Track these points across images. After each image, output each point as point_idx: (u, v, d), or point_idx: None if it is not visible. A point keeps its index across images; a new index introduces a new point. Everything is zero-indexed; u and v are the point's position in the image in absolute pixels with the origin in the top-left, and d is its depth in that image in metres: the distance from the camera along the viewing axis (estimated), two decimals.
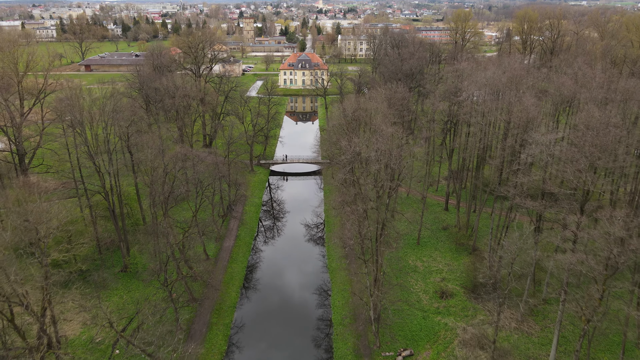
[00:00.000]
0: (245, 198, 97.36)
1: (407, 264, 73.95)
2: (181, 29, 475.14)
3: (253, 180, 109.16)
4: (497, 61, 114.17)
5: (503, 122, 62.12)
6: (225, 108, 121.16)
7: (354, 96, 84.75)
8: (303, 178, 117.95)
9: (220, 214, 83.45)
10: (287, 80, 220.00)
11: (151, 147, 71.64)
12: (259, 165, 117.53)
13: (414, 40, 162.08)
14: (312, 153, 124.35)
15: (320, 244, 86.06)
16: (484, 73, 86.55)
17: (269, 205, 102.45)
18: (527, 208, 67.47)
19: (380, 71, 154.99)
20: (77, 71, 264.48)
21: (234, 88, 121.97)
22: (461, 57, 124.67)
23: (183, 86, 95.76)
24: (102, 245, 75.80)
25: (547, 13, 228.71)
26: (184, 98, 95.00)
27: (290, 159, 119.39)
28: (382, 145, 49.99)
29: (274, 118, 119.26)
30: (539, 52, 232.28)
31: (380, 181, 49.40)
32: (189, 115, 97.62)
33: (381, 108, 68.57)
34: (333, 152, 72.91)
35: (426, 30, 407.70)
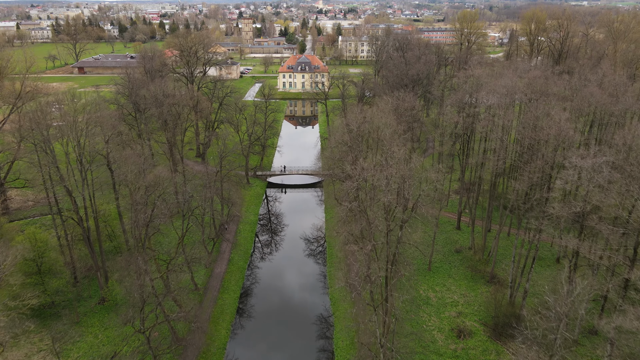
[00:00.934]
0: (239, 216, 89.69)
1: (418, 295, 66.34)
2: (179, 29, 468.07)
3: (249, 194, 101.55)
4: (510, 65, 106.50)
5: (528, 139, 54.49)
6: (220, 115, 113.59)
7: (357, 107, 76.87)
8: (303, 190, 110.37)
9: (211, 236, 75.83)
10: (286, 84, 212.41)
11: (132, 165, 64.10)
12: (256, 177, 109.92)
13: (419, 42, 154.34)
14: (312, 164, 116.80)
15: (321, 262, 78.83)
16: (500, 80, 78.93)
17: (266, 221, 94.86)
18: (554, 233, 60.31)
19: (383, 75, 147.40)
20: (70, 73, 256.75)
21: (229, 94, 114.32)
22: (472, 62, 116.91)
23: (173, 93, 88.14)
24: (80, 273, 68.25)
25: (555, 14, 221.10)
26: (174, 106, 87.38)
27: (289, 169, 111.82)
28: (394, 171, 42.57)
29: (272, 126, 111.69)
30: (545, 54, 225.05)
31: (392, 213, 41.94)
32: (179, 124, 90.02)
33: (389, 121, 61.06)
34: (337, 174, 65.31)
35: (428, 31, 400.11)
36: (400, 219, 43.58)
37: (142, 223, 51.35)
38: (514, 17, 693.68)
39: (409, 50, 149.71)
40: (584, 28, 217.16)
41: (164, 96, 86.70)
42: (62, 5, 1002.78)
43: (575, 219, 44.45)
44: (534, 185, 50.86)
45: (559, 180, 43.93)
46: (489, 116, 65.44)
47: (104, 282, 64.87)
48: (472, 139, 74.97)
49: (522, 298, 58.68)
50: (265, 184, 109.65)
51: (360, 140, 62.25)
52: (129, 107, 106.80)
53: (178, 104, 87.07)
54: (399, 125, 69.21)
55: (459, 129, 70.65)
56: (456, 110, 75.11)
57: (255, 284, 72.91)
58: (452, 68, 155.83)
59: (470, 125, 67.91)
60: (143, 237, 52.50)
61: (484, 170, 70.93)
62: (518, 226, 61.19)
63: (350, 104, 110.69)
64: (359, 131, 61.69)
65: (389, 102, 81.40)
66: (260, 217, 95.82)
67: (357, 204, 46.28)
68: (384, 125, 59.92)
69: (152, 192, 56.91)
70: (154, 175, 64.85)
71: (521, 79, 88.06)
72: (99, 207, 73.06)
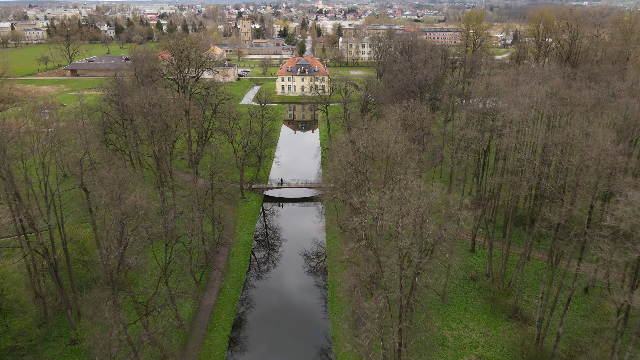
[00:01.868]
0: (232, 238, 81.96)
1: (432, 333, 58.63)
2: (176, 30, 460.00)
3: (243, 209, 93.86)
4: (525, 70, 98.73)
5: (565, 163, 46.76)
6: (214, 124, 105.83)
7: (362, 118, 68.82)
8: (302, 205, 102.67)
9: (199, 264, 68.07)
10: (285, 87, 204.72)
11: (107, 187, 56.36)
12: (251, 191, 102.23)
13: (425, 45, 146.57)
14: (313, 175, 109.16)
15: (322, 285, 71.43)
16: (520, 88, 71.17)
17: (262, 238, 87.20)
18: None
19: (387, 79, 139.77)
20: (62, 76, 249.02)
21: (223, 101, 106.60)
22: (482, 66, 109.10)
23: (160, 102, 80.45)
24: (51, 309, 60.59)
25: (564, 14, 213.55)
26: (161, 117, 79.68)
27: (287, 182, 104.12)
28: (412, 210, 35.10)
29: (269, 136, 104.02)
30: (553, 56, 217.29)
31: (408, 257, 34.41)
32: (167, 136, 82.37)
33: (400, 138, 53.32)
34: (340, 196, 57.43)
35: (430, 32, 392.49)
36: (416, 264, 36.06)
37: (113, 263, 43.69)
38: (515, 17, 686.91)
39: (414, 53, 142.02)
40: (594, 29, 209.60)
41: (150, 105, 79.00)
42: (60, 5, 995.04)
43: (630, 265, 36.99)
44: (573, 219, 43.40)
45: (610, 217, 36.42)
46: (512, 131, 57.81)
47: (76, 320, 57.22)
48: (489, 155, 67.31)
49: (555, 343, 50.96)
50: (261, 198, 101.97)
51: (367, 159, 54.59)
52: (117, 114, 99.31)
53: (166, 113, 79.35)
54: (410, 141, 61.53)
55: (475, 145, 62.94)
56: (473, 123, 67.56)
57: (248, 318, 65.18)
58: (460, 72, 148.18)
59: (489, 141, 60.34)
60: (114, 277, 44.79)
61: (505, 189, 63.17)
62: (551, 257, 53.36)
63: (353, 112, 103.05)
64: (366, 150, 54.00)
65: (397, 112, 73.66)
66: (257, 235, 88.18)
67: (366, 243, 38.81)
68: (394, 143, 52.29)
69: (128, 223, 49.19)
70: (133, 199, 57.14)
71: (541, 86, 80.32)
72: (73, 232, 65.59)
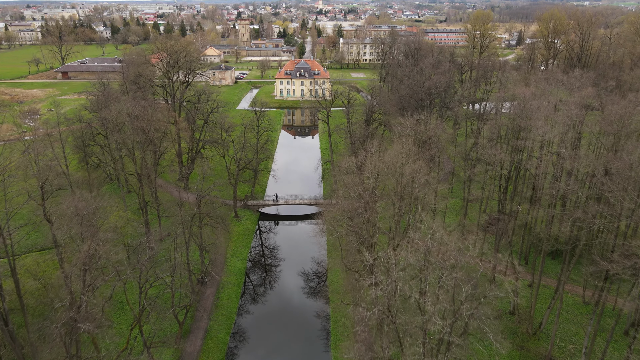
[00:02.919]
0: (222, 264, 73.48)
1: None
2: (174, 31, 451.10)
3: (236, 230, 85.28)
4: (547, 77, 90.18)
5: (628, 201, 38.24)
6: (205, 135, 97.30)
7: (371, 143, 59.79)
8: (301, 222, 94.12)
9: (184, 302, 59.43)
10: (283, 91, 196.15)
11: (72, 220, 47.94)
12: (246, 208, 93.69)
13: (432, 48, 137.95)
14: (313, 191, 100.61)
15: (323, 317, 62.92)
16: (545, 99, 62.60)
17: (257, 264, 78.64)
18: None
19: (392, 85, 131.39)
20: (53, 79, 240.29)
21: (216, 109, 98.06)
22: (498, 70, 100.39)
23: (142, 114, 71.95)
24: None
25: (574, 14, 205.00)
26: (143, 131, 71.19)
27: (285, 198, 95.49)
28: (445, 278, 26.84)
29: (265, 149, 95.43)
30: (562, 58, 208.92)
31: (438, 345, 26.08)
32: (151, 151, 73.88)
33: (418, 168, 44.72)
34: (346, 235, 48.66)
35: (433, 32, 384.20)
36: (447, 340, 27.70)
37: (63, 329, 35.20)
38: (517, 17, 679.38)
39: (420, 56, 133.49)
40: (607, 30, 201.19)
41: (131, 118, 70.49)
42: (58, 5, 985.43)
43: None
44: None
45: None
46: (547, 154, 49.43)
47: None
48: (517, 179, 58.80)
49: None
50: (257, 216, 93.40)
51: (377, 191, 45.89)
52: (99, 123, 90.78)
53: (149, 127, 70.79)
54: (425, 160, 53.05)
55: (500, 167, 54.36)
56: (498, 141, 59.12)
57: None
58: (469, 75, 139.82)
59: (519, 164, 51.95)
60: (67, 343, 36.26)
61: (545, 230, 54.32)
62: (599, 298, 44.76)
63: (356, 121, 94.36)
64: (376, 182, 45.38)
65: (407, 125, 65.10)
66: (251, 259, 79.64)
67: (384, 311, 30.39)
68: (411, 174, 43.76)
69: (91, 268, 40.68)
70: (104, 234, 48.57)
71: (566, 94, 71.80)
72: (38, 265, 57.17)
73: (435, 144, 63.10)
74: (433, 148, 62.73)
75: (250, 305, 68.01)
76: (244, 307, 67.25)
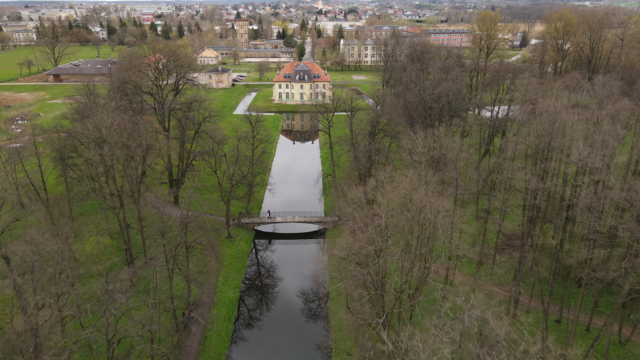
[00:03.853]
0: (212, 294, 65.98)
1: None
2: (172, 31, 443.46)
3: (229, 253, 77.75)
4: (568, 85, 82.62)
5: None
6: (197, 146, 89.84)
7: (385, 171, 51.71)
8: (301, 242, 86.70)
9: (163, 351, 51.76)
10: (282, 94, 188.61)
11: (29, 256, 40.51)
12: (240, 226, 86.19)
13: (439, 51, 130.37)
14: (313, 206, 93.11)
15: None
16: (575, 115, 55.07)
17: (252, 290, 71.13)
18: None
19: (397, 91, 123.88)
20: (44, 81, 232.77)
21: (208, 119, 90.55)
22: (513, 75, 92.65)
23: (122, 128, 64.46)
24: None
25: (584, 15, 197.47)
26: (125, 147, 63.69)
27: (282, 215, 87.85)
28: None
29: (261, 162, 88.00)
30: (571, 61, 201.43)
31: None
32: (132, 168, 66.29)
33: (441, 204, 37.28)
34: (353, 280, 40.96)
35: (435, 33, 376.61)
36: None
37: None
38: (519, 18, 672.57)
39: (426, 59, 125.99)
40: (618, 31, 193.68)
41: (109, 132, 62.96)
42: (56, 5, 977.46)
43: None
44: None
45: None
46: (589, 183, 42.05)
47: None
48: (547, 207, 51.39)
49: None
50: (252, 235, 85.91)
51: (389, 230, 38.38)
52: (82, 138, 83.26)
53: (129, 143, 63.26)
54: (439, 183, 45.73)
55: (532, 196, 46.60)
56: (523, 162, 51.64)
57: None
58: (478, 80, 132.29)
59: (550, 194, 44.60)
60: None
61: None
62: None
63: (360, 130, 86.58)
64: (388, 221, 37.87)
65: (419, 141, 57.56)
66: (245, 285, 72.12)
67: None
68: (432, 214, 36.40)
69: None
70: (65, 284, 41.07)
71: (590, 102, 64.27)
72: None
73: (452, 164, 55.51)
74: (450, 170, 55.25)
75: (243, 343, 60.47)
76: (236, 346, 59.71)
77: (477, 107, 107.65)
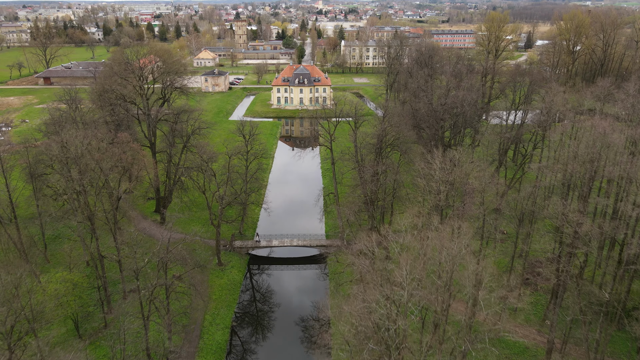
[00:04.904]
0: (198, 336, 57.58)
1: None
2: (169, 32, 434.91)
3: (219, 284, 69.28)
4: (594, 93, 74.28)
5: None
6: (187, 159, 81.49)
7: (405, 219, 42.75)
8: (300, 267, 78.43)
9: None
10: (281, 99, 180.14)
11: None
12: (232, 251, 77.79)
13: (449, 56, 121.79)
14: (313, 228, 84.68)
15: None
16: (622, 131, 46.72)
17: (244, 327, 62.76)
18: None
19: (403, 98, 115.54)
20: (34, 85, 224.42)
21: (198, 131, 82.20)
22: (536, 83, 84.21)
23: (93, 148, 56.17)
24: None
25: (597, 16, 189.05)
26: (99, 168, 55.39)
27: (279, 237, 79.34)
28: None
29: (256, 178, 79.71)
30: (582, 63, 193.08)
31: None
32: (107, 192, 58.01)
33: (484, 268, 29.07)
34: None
35: (438, 34, 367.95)
36: None
37: None
38: (521, 18, 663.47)
39: (434, 63, 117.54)
40: (630, 32, 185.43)
41: (82, 151, 54.63)
42: (53, 6, 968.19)
43: None
44: None
45: None
46: None
47: None
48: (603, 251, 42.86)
49: None
50: (246, 261, 77.46)
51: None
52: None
53: (105, 162, 54.92)
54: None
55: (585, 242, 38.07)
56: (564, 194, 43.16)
57: None
58: (492, 85, 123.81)
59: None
60: None
61: None
62: None
63: (364, 144, 78.08)
64: (412, 292, 29.54)
65: (436, 167, 49.05)
66: (236, 324, 63.74)
67: None
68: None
69: None
70: None
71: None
72: None
73: (478, 196, 46.82)
74: (474, 203, 46.79)
75: None
76: None
77: (493, 116, 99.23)
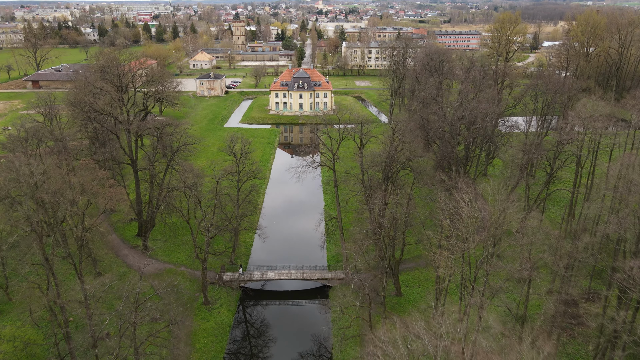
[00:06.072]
0: None
1: None
2: (166, 32, 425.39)
3: (205, 327, 59.96)
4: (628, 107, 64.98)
5: None
6: (170, 179, 72.31)
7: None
8: (299, 303, 69.17)
9: None
10: (279, 104, 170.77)
11: None
12: (222, 285, 68.44)
13: (462, 59, 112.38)
14: (313, 258, 75.30)
15: None
16: None
17: None
18: None
19: (411, 106, 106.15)
20: (22, 88, 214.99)
21: (183, 147, 72.89)
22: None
23: (46, 177, 46.96)
24: None
25: (613, 17, 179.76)
26: (56, 201, 46.18)
27: (275, 268, 70.01)
28: None
29: (248, 201, 70.46)
30: (596, 66, 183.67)
31: None
32: (60, 227, 48.82)
33: None
34: None
35: (441, 35, 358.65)
36: None
37: None
38: (523, 18, 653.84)
39: (444, 69, 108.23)
40: None
41: (29, 186, 45.41)
42: (51, 6, 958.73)
43: None
44: None
45: None
46: None
47: None
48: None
49: None
50: (237, 296, 68.12)
51: None
52: None
53: (56, 201, 45.66)
54: None
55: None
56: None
57: None
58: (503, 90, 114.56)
59: None
60: None
61: None
62: None
63: (371, 162, 68.67)
64: None
65: (463, 203, 39.89)
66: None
67: None
68: None
69: None
70: None
71: None
72: None
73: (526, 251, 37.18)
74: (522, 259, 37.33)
75: None
76: None
77: (506, 127, 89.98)
